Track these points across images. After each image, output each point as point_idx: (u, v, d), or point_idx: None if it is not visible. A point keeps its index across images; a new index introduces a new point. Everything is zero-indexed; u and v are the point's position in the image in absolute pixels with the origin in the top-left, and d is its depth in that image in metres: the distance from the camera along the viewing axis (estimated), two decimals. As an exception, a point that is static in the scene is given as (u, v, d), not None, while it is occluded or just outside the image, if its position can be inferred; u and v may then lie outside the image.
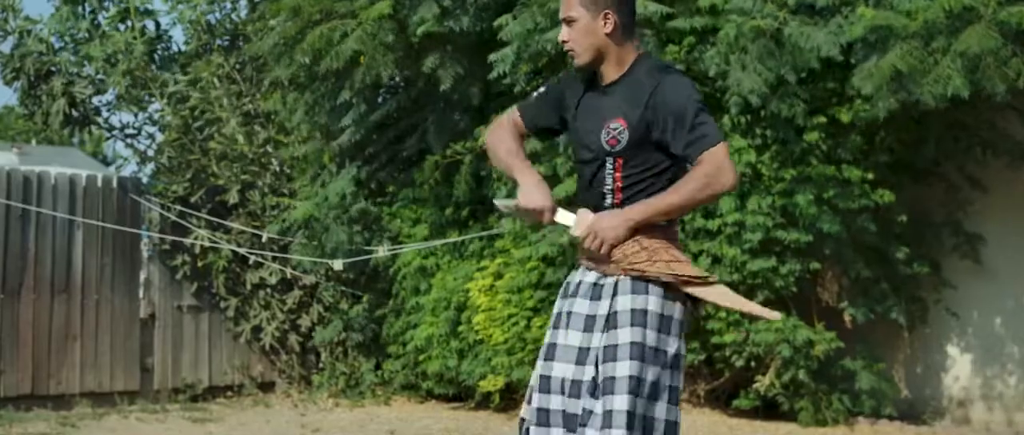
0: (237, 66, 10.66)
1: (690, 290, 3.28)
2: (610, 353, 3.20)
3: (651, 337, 3.21)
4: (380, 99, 9.78)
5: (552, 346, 3.35)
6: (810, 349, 8.10)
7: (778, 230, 8.03)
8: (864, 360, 8.38)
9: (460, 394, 9.38)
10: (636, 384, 3.16)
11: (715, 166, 3.19)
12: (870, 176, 8.13)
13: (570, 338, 3.31)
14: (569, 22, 3.38)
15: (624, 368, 3.17)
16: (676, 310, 3.29)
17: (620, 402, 3.14)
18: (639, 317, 3.22)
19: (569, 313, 3.35)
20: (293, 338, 10.25)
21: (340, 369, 10.09)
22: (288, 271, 10.06)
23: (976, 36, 6.95)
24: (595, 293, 3.32)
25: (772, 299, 8.28)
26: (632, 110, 3.29)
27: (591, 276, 3.36)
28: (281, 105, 9.99)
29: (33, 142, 12.93)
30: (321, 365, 10.37)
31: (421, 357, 9.24)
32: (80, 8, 10.96)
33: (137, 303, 9.87)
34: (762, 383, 8.24)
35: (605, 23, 3.34)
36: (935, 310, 8.76)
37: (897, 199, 8.23)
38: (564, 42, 3.40)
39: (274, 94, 10.15)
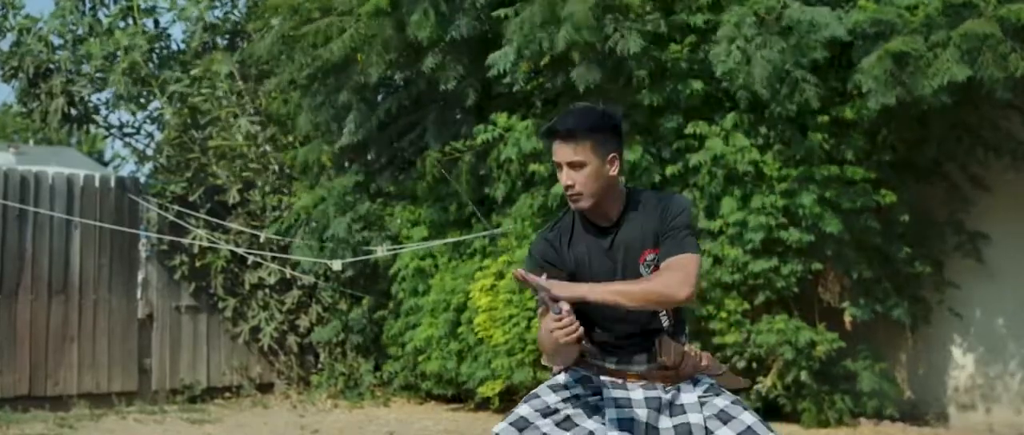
0: (237, 65, 10.62)
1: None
2: (723, 415, 3.35)
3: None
4: (379, 99, 9.74)
5: (626, 421, 3.39)
6: (812, 350, 8.07)
7: (780, 230, 8.00)
8: (866, 361, 8.35)
9: (459, 395, 9.34)
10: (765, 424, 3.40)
11: (683, 272, 3.26)
12: (872, 176, 8.11)
13: None
14: (575, 166, 3.33)
15: (749, 417, 3.34)
16: None
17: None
18: (715, 388, 3.44)
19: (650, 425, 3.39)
20: (292, 339, 10.21)
21: (339, 370, 10.05)
22: (287, 271, 10.02)
23: (976, 26, 6.96)
24: (677, 410, 3.41)
25: (773, 299, 8.26)
26: (653, 239, 3.37)
27: (639, 392, 3.41)
28: (283, 106, 9.95)
29: (31, 141, 12.89)
30: (320, 366, 10.33)
31: (420, 358, 9.20)
32: (81, 4, 10.91)
33: (135, 303, 9.82)
34: (764, 384, 8.21)
35: (612, 166, 3.35)
36: (938, 310, 8.73)
37: (899, 199, 8.20)
38: (569, 187, 3.35)
39: (276, 98, 10.11)
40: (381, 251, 9.37)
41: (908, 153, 8.52)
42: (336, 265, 9.43)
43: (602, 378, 3.46)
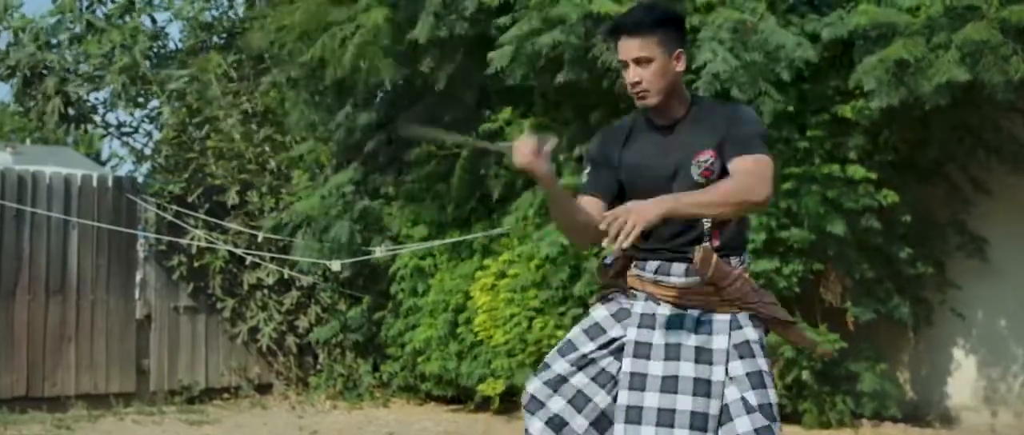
0: (234, 64, 10.58)
1: (779, 330, 3.38)
2: (755, 379, 3.22)
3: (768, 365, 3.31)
4: (378, 99, 9.71)
5: (637, 376, 3.26)
6: (813, 350, 8.02)
7: (781, 230, 7.97)
8: (867, 361, 8.33)
9: (459, 396, 9.31)
10: (775, 410, 3.26)
11: (757, 174, 3.15)
12: (874, 176, 8.08)
13: (683, 369, 3.23)
14: (642, 62, 3.26)
15: (774, 395, 3.25)
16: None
17: (776, 429, 3.24)
18: (765, 348, 3.28)
19: (674, 344, 3.25)
20: (290, 339, 10.17)
21: (338, 371, 10.01)
22: (286, 272, 9.98)
23: (977, 30, 6.94)
24: (702, 329, 3.26)
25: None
26: (715, 141, 3.24)
27: (682, 312, 3.30)
28: (279, 103, 9.91)
29: (28, 141, 12.84)
30: (319, 367, 10.30)
31: (420, 359, 9.17)
32: (79, 2, 10.87)
33: (133, 304, 9.78)
34: (765, 385, 8.17)
35: (678, 62, 3.28)
36: (940, 311, 8.70)
37: (901, 199, 8.17)
38: (635, 83, 3.28)
39: (272, 92, 10.08)
40: (380, 251, 9.33)
41: (910, 154, 8.50)
42: (335, 266, 9.39)
43: (638, 298, 3.34)
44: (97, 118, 11.13)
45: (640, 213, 2.99)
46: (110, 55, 10.62)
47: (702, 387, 3.19)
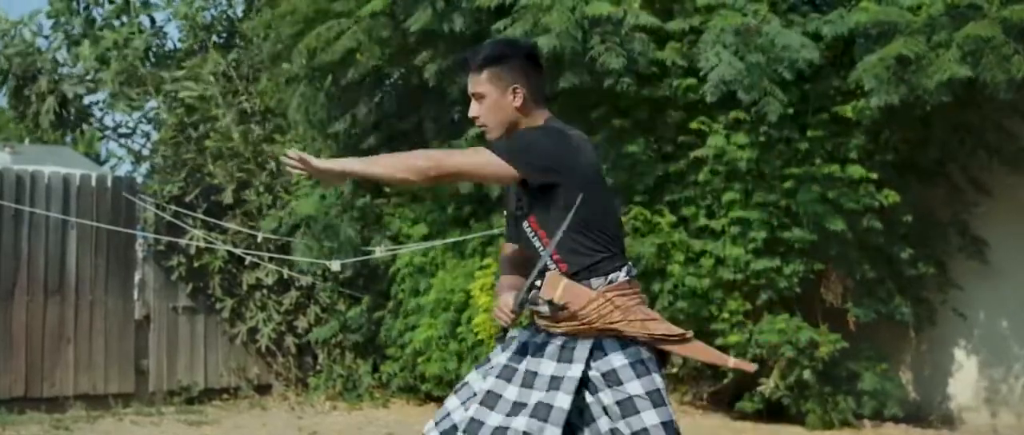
0: (233, 63, 10.55)
1: (666, 347, 3.25)
2: (626, 407, 3.17)
3: (658, 381, 3.21)
4: (377, 96, 9.69)
5: (493, 395, 3.30)
6: (814, 350, 8.02)
7: (782, 229, 7.95)
8: (868, 361, 8.31)
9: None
10: (669, 429, 3.19)
11: (439, 154, 3.31)
12: (874, 176, 8.06)
13: (533, 396, 3.24)
14: (478, 98, 3.36)
15: (653, 417, 3.17)
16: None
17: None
18: (640, 368, 3.18)
19: (532, 372, 3.27)
20: (290, 340, 10.13)
21: (337, 371, 9.98)
22: (285, 272, 9.95)
23: (978, 28, 6.94)
24: (563, 356, 3.24)
25: (776, 300, 8.21)
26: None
27: (544, 337, 3.30)
28: (276, 100, 9.88)
29: (26, 140, 12.81)
30: (318, 367, 10.26)
31: (420, 359, 9.14)
32: (75, 3, 10.84)
33: (132, 304, 9.74)
34: (766, 385, 8.16)
35: (514, 97, 3.33)
36: (941, 311, 8.68)
37: (902, 199, 8.16)
38: (474, 118, 3.38)
39: (269, 90, 10.05)
40: (380, 251, 9.30)
41: (911, 154, 8.48)
42: (334, 266, 9.36)
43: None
44: (94, 120, 11.08)
45: (316, 166, 3.27)
46: (105, 57, 10.59)
47: (542, 411, 3.17)
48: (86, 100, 11.08)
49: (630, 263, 3.31)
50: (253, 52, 10.27)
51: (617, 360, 3.18)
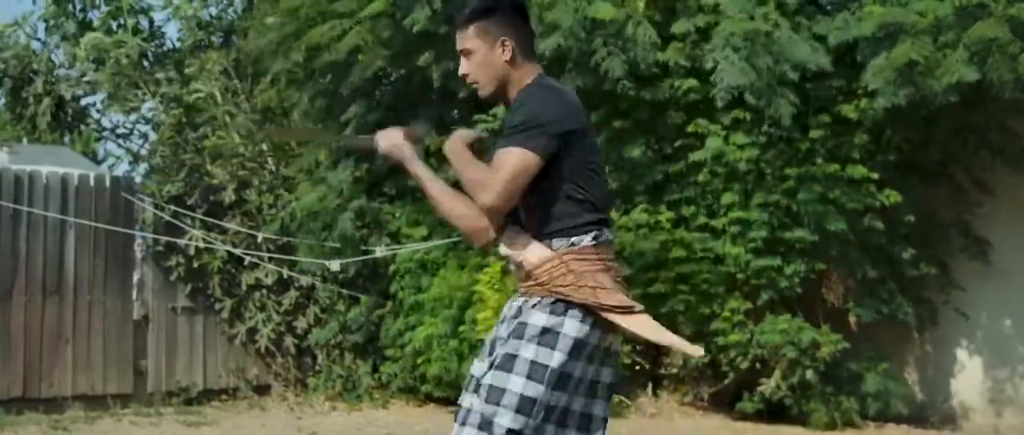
0: (233, 63, 10.51)
1: (611, 317, 3.11)
2: (503, 360, 3.08)
3: (557, 358, 3.06)
4: (377, 95, 9.66)
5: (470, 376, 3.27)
6: (816, 351, 7.99)
7: (783, 229, 7.93)
8: (870, 362, 8.28)
9: (459, 397, 9.22)
10: (524, 403, 3.03)
11: (488, 178, 3.09)
12: (875, 176, 8.04)
13: (475, 368, 3.22)
14: (466, 54, 3.29)
15: (518, 383, 3.04)
16: (593, 337, 3.11)
17: (505, 417, 3.04)
18: (550, 338, 3.07)
19: (501, 337, 3.21)
20: (289, 340, 10.10)
21: (337, 372, 9.94)
22: (284, 272, 9.92)
23: (986, 29, 6.91)
24: (517, 313, 3.18)
25: (777, 300, 8.18)
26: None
27: (517, 301, 3.22)
28: (276, 100, 9.85)
29: (24, 140, 12.76)
30: (317, 367, 10.23)
31: (420, 359, 9.11)
32: (70, 6, 10.81)
33: (130, 305, 9.70)
34: (767, 385, 8.13)
35: (503, 50, 3.25)
36: (944, 311, 8.66)
37: (904, 199, 8.13)
38: (464, 76, 3.31)
39: (269, 89, 10.01)
40: (381, 250, 9.27)
41: (913, 153, 8.46)
42: (334, 265, 9.32)
43: None
44: (91, 120, 11.04)
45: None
46: (100, 59, 10.54)
47: (503, 361, 3.11)
48: (83, 101, 11.05)
49: (604, 227, 3.17)
50: (253, 51, 10.23)
51: (538, 317, 3.08)
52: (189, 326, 9.99)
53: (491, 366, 3.12)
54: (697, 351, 3.26)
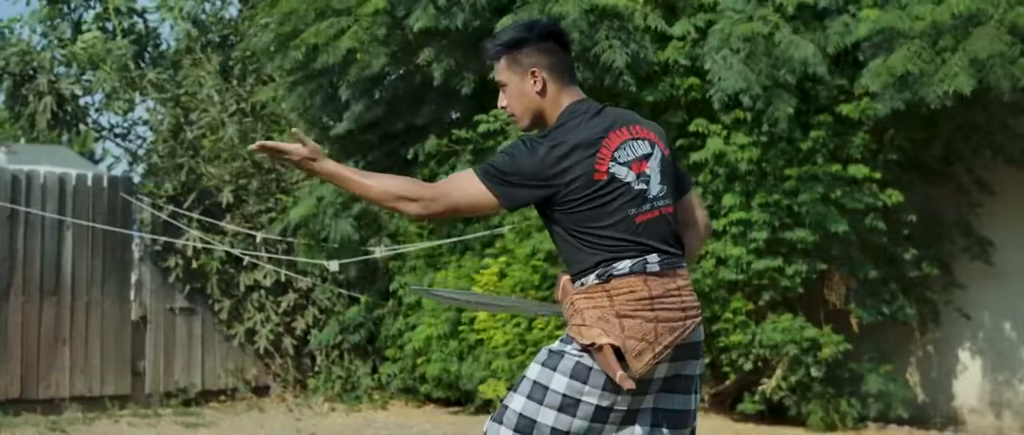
0: (229, 63, 10.47)
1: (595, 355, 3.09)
2: (517, 380, 3.15)
3: (558, 382, 3.06)
4: (376, 95, 9.62)
5: None
6: (818, 351, 7.96)
7: (784, 230, 7.89)
8: (872, 363, 8.25)
9: (459, 398, 9.21)
10: (522, 421, 3.05)
11: (425, 188, 3.13)
12: (877, 175, 8.01)
13: None
14: (502, 86, 3.24)
15: (517, 401, 3.08)
16: (592, 361, 3.06)
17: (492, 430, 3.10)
18: (554, 359, 3.08)
19: None
20: (288, 341, 10.06)
21: (336, 372, 9.91)
22: (282, 272, 9.88)
23: (985, 38, 6.86)
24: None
25: (779, 300, 8.15)
26: None
27: None
28: (272, 98, 9.81)
29: (22, 139, 12.72)
30: (317, 368, 10.19)
31: (419, 360, 9.08)
32: (63, 7, 10.77)
33: (128, 305, 9.66)
34: (769, 386, 8.10)
35: (534, 82, 3.18)
36: (946, 312, 8.62)
37: (906, 199, 8.10)
38: (504, 107, 3.27)
39: (266, 88, 9.97)
40: (380, 251, 9.23)
41: (915, 153, 8.43)
42: (333, 266, 9.29)
43: None
44: (89, 120, 11.00)
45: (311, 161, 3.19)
46: (96, 59, 10.51)
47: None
48: (82, 100, 11.00)
49: (615, 263, 3.08)
50: (249, 51, 10.20)
51: (557, 345, 3.13)
52: (187, 327, 9.95)
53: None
54: (629, 384, 3.06)
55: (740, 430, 8.25)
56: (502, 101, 3.25)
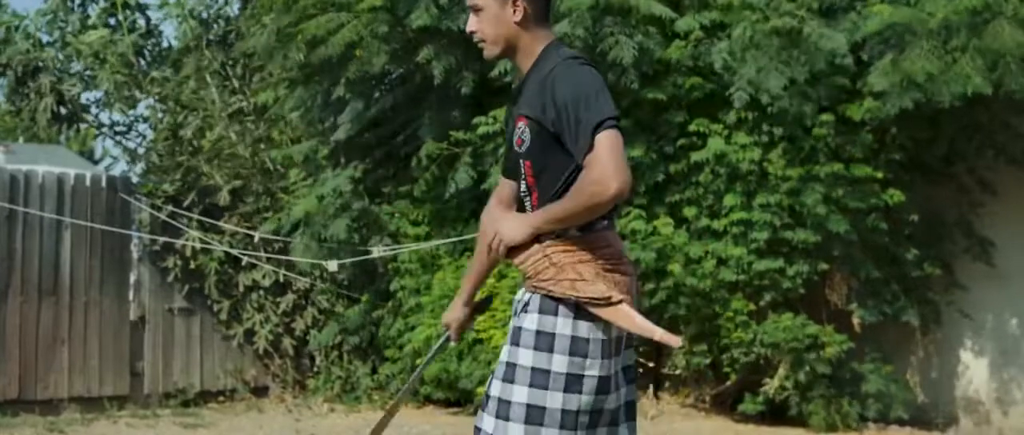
0: (229, 62, 10.44)
1: (595, 311, 3.00)
2: (506, 371, 3.01)
3: (557, 362, 2.98)
4: (376, 95, 9.60)
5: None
6: (820, 351, 7.93)
7: (785, 230, 7.87)
8: (874, 363, 8.22)
9: (459, 399, 9.18)
10: (534, 413, 2.97)
11: (596, 171, 2.88)
12: (879, 175, 7.98)
13: (501, 354, 3.14)
14: (476, 10, 3.13)
15: (522, 394, 2.97)
16: (593, 331, 3.00)
17: (515, 430, 2.97)
18: (545, 340, 3.01)
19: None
20: (287, 341, 10.03)
21: (335, 373, 9.87)
22: (281, 273, 9.85)
23: (999, 34, 6.81)
24: (515, 309, 3.12)
25: (780, 300, 8.12)
26: (534, 106, 3.03)
27: (521, 293, 3.14)
28: (273, 99, 9.78)
29: (20, 140, 12.69)
30: (316, 369, 10.16)
31: (419, 361, 9.04)
32: (69, 2, 10.75)
33: (127, 305, 9.63)
34: (770, 386, 8.07)
35: (514, 10, 3.08)
36: (948, 312, 8.60)
37: (908, 199, 8.08)
38: (472, 33, 3.15)
39: (266, 89, 9.94)
40: (379, 251, 9.20)
41: (917, 152, 8.40)
42: (332, 266, 9.25)
43: None
44: (89, 117, 10.98)
45: (509, 234, 3.03)
46: (101, 54, 10.48)
47: (505, 371, 3.05)
48: (83, 97, 10.99)
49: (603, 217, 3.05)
50: (250, 49, 10.16)
51: (529, 321, 3.00)
52: (186, 327, 9.92)
53: (493, 375, 3.06)
54: (676, 341, 3.09)
55: (741, 431, 8.22)
56: (472, 25, 3.14)
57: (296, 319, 10.05)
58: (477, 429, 3.07)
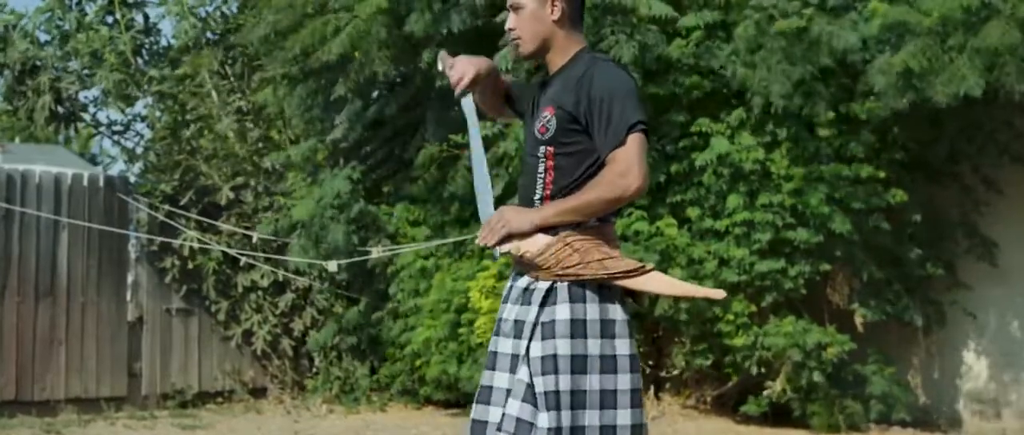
0: (228, 61, 10.39)
1: (626, 284, 3.11)
2: (549, 364, 3.05)
3: (593, 346, 3.08)
4: (376, 96, 9.55)
5: (492, 354, 3.23)
6: (822, 352, 7.89)
7: (788, 230, 7.83)
8: (876, 364, 8.18)
9: (459, 400, 9.13)
10: (578, 397, 3.06)
11: (623, 166, 3.04)
12: (882, 175, 7.94)
13: (503, 346, 3.19)
14: (515, 9, 3.26)
15: (566, 382, 3.05)
16: (617, 312, 3.13)
17: (565, 418, 3.04)
18: (579, 327, 3.08)
19: (502, 319, 3.23)
20: (285, 342, 9.99)
21: (334, 374, 9.83)
22: (280, 273, 9.80)
23: (996, 33, 6.77)
24: (526, 298, 3.16)
25: (781, 301, 8.08)
26: (565, 97, 3.16)
27: (522, 281, 3.20)
28: (272, 98, 9.73)
29: (16, 139, 12.64)
30: (315, 370, 10.12)
31: (418, 362, 9.00)
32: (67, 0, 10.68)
33: (124, 306, 9.59)
34: (772, 388, 8.03)
35: (552, 10, 3.22)
36: (950, 312, 8.56)
37: (911, 199, 8.04)
38: (510, 30, 3.28)
39: (265, 89, 9.89)
40: (378, 252, 9.15)
41: (920, 152, 8.37)
42: (331, 267, 9.21)
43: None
44: (87, 116, 10.92)
45: (515, 223, 3.12)
46: (99, 53, 10.41)
47: (513, 363, 3.12)
48: (81, 95, 10.92)
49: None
50: (248, 49, 10.12)
51: (562, 312, 3.08)
52: (184, 328, 9.88)
53: (533, 371, 3.06)
54: (719, 293, 3.26)
55: (742, 432, 8.19)
56: (510, 23, 3.27)
57: (294, 320, 10.01)
58: (529, 425, 3.05)
